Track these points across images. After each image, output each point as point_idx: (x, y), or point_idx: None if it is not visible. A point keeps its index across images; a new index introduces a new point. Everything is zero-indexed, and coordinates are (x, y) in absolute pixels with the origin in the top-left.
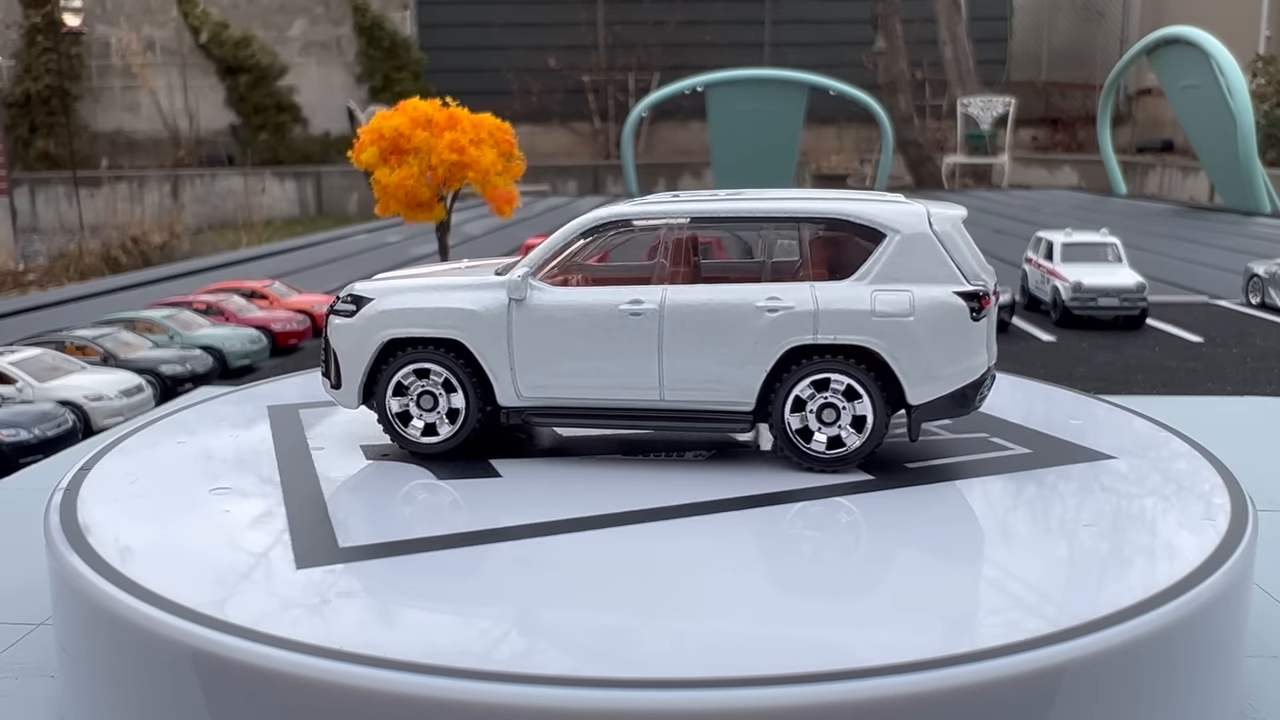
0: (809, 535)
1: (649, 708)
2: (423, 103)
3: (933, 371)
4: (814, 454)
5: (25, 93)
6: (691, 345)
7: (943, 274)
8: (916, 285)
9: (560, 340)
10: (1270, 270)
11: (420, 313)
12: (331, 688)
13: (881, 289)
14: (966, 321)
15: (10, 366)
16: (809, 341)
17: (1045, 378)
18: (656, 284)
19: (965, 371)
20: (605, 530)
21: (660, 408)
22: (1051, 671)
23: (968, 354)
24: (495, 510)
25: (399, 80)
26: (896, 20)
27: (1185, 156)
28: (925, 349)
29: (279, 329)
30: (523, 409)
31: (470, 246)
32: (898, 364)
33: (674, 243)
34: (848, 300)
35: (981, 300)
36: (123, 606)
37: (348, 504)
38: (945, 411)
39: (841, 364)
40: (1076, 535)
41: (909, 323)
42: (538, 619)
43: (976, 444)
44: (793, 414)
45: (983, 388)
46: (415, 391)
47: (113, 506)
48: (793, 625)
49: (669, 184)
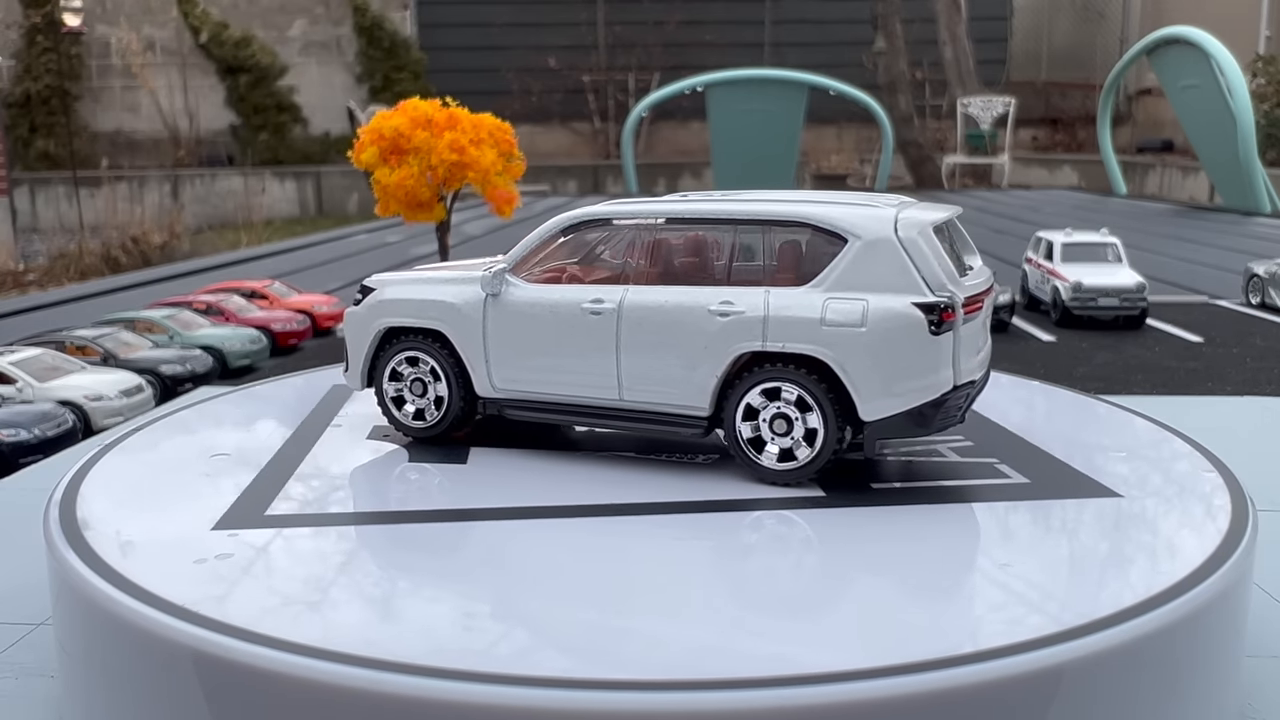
0: (806, 539)
1: (646, 709)
2: (423, 103)
3: (887, 387)
4: (763, 465)
5: (25, 93)
6: (647, 346)
7: (903, 283)
8: (874, 294)
9: (529, 335)
10: (1270, 270)
11: (410, 304)
12: (327, 688)
13: (836, 297)
14: (925, 335)
15: (10, 366)
16: (758, 348)
17: (1045, 378)
18: (622, 283)
19: (923, 389)
20: (529, 521)
21: (620, 407)
22: (1050, 672)
23: (926, 370)
24: (425, 493)
25: (399, 80)
26: (896, 20)
27: (1185, 156)
28: (878, 362)
29: (279, 329)
30: (498, 400)
31: (470, 246)
32: (848, 377)
33: (643, 243)
34: (798, 308)
35: (943, 313)
36: (121, 607)
37: (310, 478)
38: (903, 430)
39: (792, 373)
40: (1077, 535)
41: (861, 334)
42: (400, 606)
43: (981, 469)
44: (745, 422)
45: (947, 406)
46: (409, 378)
47: (112, 507)
48: (794, 625)
49: (669, 184)
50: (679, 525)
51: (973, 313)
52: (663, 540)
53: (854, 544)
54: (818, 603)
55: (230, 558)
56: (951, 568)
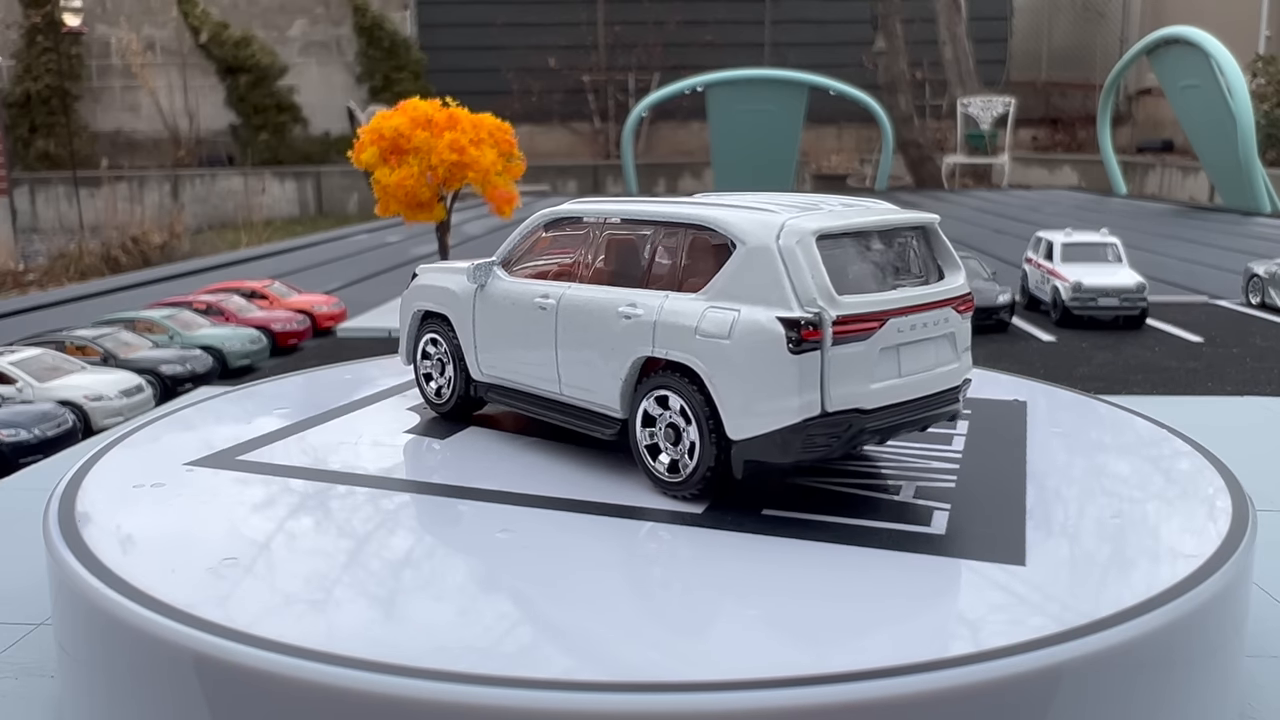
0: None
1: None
2: (423, 103)
3: (749, 405)
4: (654, 474)
5: (25, 93)
6: (574, 343)
7: (775, 295)
8: (748, 305)
9: (501, 326)
10: (1270, 270)
11: (431, 290)
12: (329, 690)
13: (715, 306)
14: (782, 353)
15: (10, 366)
16: (649, 354)
17: (1045, 378)
18: (569, 280)
19: (781, 411)
20: (473, 501)
21: (561, 401)
22: (1050, 672)
23: (783, 392)
24: (368, 460)
25: (399, 80)
26: (896, 20)
27: (1185, 156)
28: (741, 378)
29: (279, 329)
30: (483, 384)
31: (470, 246)
32: (715, 390)
33: (591, 242)
34: (680, 315)
35: (804, 331)
36: (120, 608)
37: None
38: (768, 453)
39: (675, 382)
40: (1078, 535)
41: (726, 346)
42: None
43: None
44: (644, 429)
45: (811, 436)
46: (436, 357)
47: (112, 507)
48: (785, 627)
49: (669, 184)
50: (578, 525)
51: (858, 333)
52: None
53: (691, 568)
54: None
55: (231, 557)
56: (726, 611)
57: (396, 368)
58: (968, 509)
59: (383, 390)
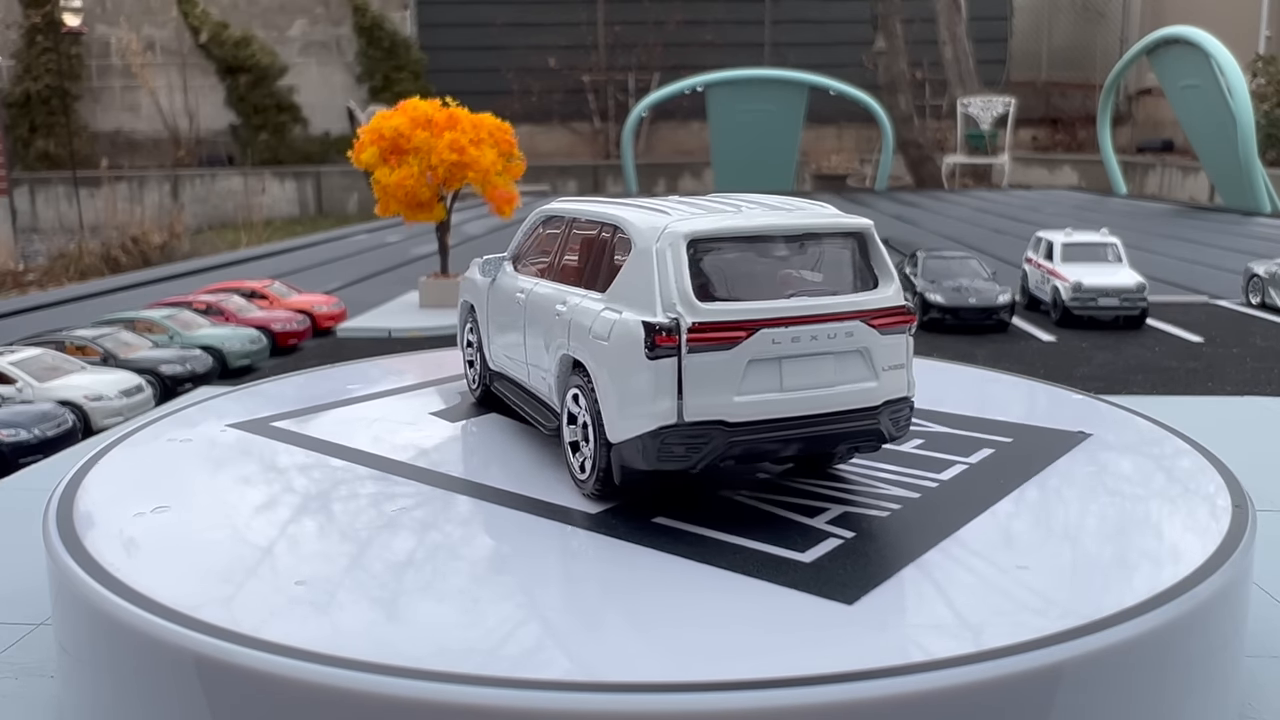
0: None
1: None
2: (423, 103)
3: (620, 408)
4: (572, 471)
5: (25, 93)
6: (532, 337)
7: (646, 299)
8: (630, 308)
9: (499, 319)
10: (1270, 270)
11: (468, 283)
12: (331, 691)
13: (609, 307)
14: (640, 356)
15: (10, 366)
16: (565, 351)
17: (1045, 378)
18: (541, 276)
19: (642, 416)
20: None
21: (530, 393)
22: (1050, 671)
23: (642, 396)
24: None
25: (399, 80)
26: (896, 20)
27: (1185, 156)
28: (614, 380)
29: (279, 329)
30: (494, 373)
31: (470, 247)
32: (598, 390)
33: (561, 240)
34: (582, 314)
35: (657, 335)
36: (118, 609)
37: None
38: (641, 459)
39: (583, 381)
40: (1078, 536)
41: (605, 346)
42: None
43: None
44: (569, 425)
45: (668, 445)
46: (475, 346)
47: (111, 507)
48: (785, 628)
49: (669, 184)
50: (506, 519)
51: (718, 341)
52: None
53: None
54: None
55: (232, 557)
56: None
57: (397, 368)
58: (868, 541)
59: (383, 390)
